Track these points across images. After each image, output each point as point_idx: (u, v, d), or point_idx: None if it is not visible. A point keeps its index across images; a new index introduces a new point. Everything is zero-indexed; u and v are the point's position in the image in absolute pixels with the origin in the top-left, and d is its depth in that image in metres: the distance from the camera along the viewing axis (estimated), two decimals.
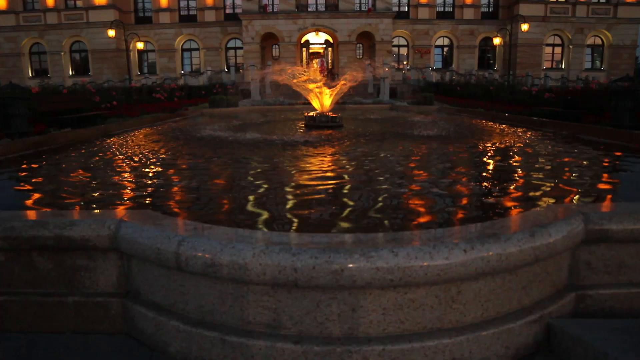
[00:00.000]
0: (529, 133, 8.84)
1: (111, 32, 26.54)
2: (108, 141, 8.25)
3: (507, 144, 7.39)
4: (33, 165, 5.73)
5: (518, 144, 7.28)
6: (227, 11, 32.95)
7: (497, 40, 29.67)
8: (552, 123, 9.55)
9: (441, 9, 32.99)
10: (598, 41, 32.65)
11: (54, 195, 4.12)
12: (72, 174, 5.05)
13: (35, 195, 4.19)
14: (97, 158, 6.17)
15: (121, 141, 8.24)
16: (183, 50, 33.77)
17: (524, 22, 26.11)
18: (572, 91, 12.51)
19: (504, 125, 10.55)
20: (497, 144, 7.33)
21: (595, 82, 17.63)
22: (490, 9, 33.30)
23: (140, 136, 9.14)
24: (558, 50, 32.76)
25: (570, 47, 32.08)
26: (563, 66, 32.49)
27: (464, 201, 3.66)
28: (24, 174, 5.23)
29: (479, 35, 33.04)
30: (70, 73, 32.35)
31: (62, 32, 31.63)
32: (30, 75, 32.25)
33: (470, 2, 32.64)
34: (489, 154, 6.39)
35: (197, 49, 33.54)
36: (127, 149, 7.06)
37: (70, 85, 21.54)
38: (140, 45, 31.39)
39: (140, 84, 21.70)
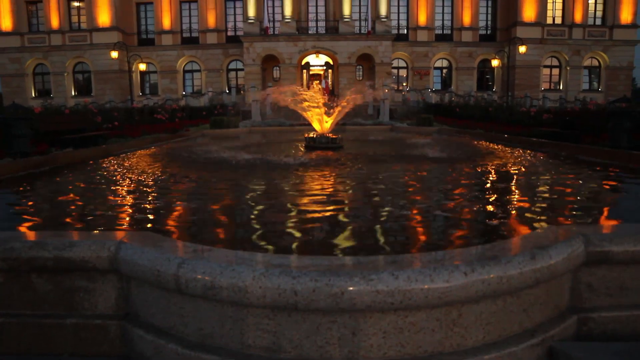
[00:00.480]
0: (528, 154, 8.87)
1: (114, 54, 26.87)
2: (109, 162, 8.27)
3: (507, 165, 7.42)
4: (34, 186, 5.74)
5: (517, 165, 7.30)
6: (229, 33, 33.42)
7: (495, 62, 30.03)
8: (550, 144, 9.59)
9: (440, 32, 33.46)
10: (595, 63, 33.04)
11: (53, 216, 4.11)
12: (72, 195, 5.05)
13: (35, 215, 4.19)
14: (98, 179, 6.18)
15: (122, 162, 8.26)
16: (185, 71, 34.14)
17: (522, 45, 26.45)
18: (570, 112, 12.61)
19: (503, 146, 10.59)
20: (496, 166, 7.34)
21: (593, 103, 17.77)
22: (488, 32, 33.78)
23: (141, 157, 9.17)
24: (556, 71, 33.13)
25: (568, 68, 32.45)
26: (561, 87, 32.80)
27: (464, 223, 3.66)
28: (24, 194, 5.23)
29: (477, 57, 33.44)
30: (73, 93, 32.65)
31: (66, 53, 32.04)
32: (33, 95, 32.54)
33: (469, 25, 33.13)
34: (489, 176, 6.40)
35: (199, 71, 33.91)
36: (128, 170, 7.08)
37: (72, 106, 21.65)
38: (142, 67, 31.74)
39: (142, 104, 21.88)
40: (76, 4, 32.13)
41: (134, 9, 33.43)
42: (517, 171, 6.70)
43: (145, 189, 5.45)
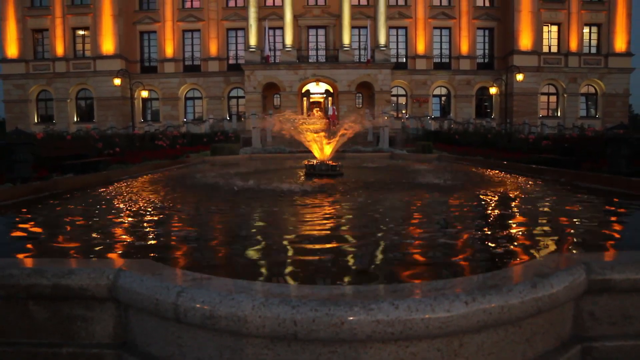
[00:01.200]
0: (528, 181, 8.89)
1: (117, 81, 27.27)
2: (109, 188, 8.28)
3: (507, 192, 7.42)
4: (33, 212, 5.74)
5: (517, 192, 7.31)
6: (230, 62, 33.96)
7: (493, 90, 30.42)
8: (550, 170, 9.62)
9: (438, 60, 34.01)
10: (591, 90, 33.46)
11: (52, 243, 4.10)
12: (71, 221, 5.04)
13: (33, 242, 4.17)
14: (97, 205, 6.18)
15: (122, 188, 8.27)
16: (186, 98, 34.55)
17: (519, 73, 26.86)
18: (568, 139, 12.71)
19: (502, 173, 10.62)
20: (496, 192, 7.35)
21: (591, 130, 17.91)
22: (486, 60, 34.33)
23: (141, 183, 9.19)
24: (553, 98, 33.52)
25: (565, 95, 32.85)
26: (559, 114, 33.14)
27: (465, 251, 3.64)
28: (23, 220, 5.22)
29: (475, 85, 33.89)
30: (75, 119, 32.96)
31: (70, 80, 32.50)
32: (36, 121, 32.84)
33: (466, 54, 33.70)
34: (490, 203, 6.40)
35: (200, 98, 34.31)
36: (128, 197, 7.09)
37: (74, 132, 21.87)
38: (144, 94, 32.16)
39: (143, 131, 22.07)
40: (81, 32, 32.76)
41: (137, 38, 34.07)
42: (517, 198, 6.70)
43: (144, 216, 5.44)
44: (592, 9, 32.53)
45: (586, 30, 32.89)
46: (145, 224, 4.95)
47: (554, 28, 32.89)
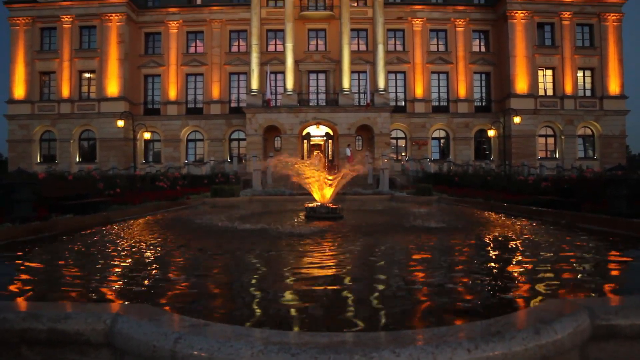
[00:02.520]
0: (529, 223, 8.87)
1: (120, 123, 27.69)
2: (108, 229, 8.25)
3: (508, 234, 7.38)
4: (30, 253, 5.69)
5: (519, 235, 7.26)
6: (232, 104, 34.60)
7: (491, 133, 30.81)
8: (550, 212, 9.61)
9: (436, 104, 34.66)
10: (588, 131, 33.91)
11: (48, 286, 4.05)
12: (69, 264, 5.00)
13: (30, 284, 4.12)
14: (96, 247, 6.14)
15: (121, 230, 8.25)
16: (188, 140, 34.95)
17: (516, 115, 27.30)
18: (567, 180, 12.74)
19: (503, 215, 10.60)
20: (498, 235, 7.31)
21: (590, 171, 17.97)
22: (483, 103, 34.97)
23: (141, 225, 9.16)
24: (551, 140, 33.90)
25: (562, 137, 33.24)
26: (557, 155, 33.42)
27: (467, 296, 3.59)
28: (20, 261, 5.17)
29: (473, 128, 34.36)
30: (77, 160, 33.22)
31: (73, 121, 33.01)
32: (38, 160, 33.11)
33: (464, 97, 34.37)
34: (491, 246, 6.35)
35: (202, 140, 34.72)
36: (127, 239, 7.05)
37: (76, 172, 21.95)
38: (147, 136, 32.59)
39: (145, 172, 22.20)
40: (87, 75, 33.55)
41: (142, 81, 34.85)
42: (519, 241, 6.65)
43: (142, 259, 5.39)
44: (585, 54, 33.45)
45: (580, 74, 33.69)
46: (142, 268, 4.90)
47: (549, 72, 33.70)
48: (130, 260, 5.28)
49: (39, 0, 32.96)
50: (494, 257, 5.58)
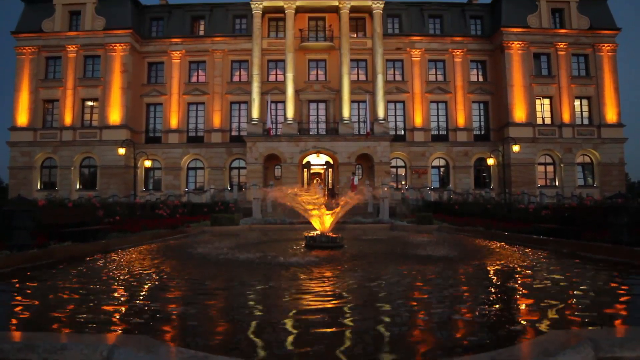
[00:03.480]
0: (530, 252, 8.81)
1: (121, 151, 27.84)
2: (107, 257, 8.19)
3: (510, 264, 7.32)
4: (27, 282, 5.64)
5: (521, 264, 7.20)
6: (233, 133, 34.85)
7: (491, 161, 30.95)
8: (552, 241, 9.57)
9: (435, 132, 34.91)
10: (587, 159, 34.03)
11: (44, 315, 3.99)
12: (65, 293, 4.94)
13: (25, 313, 4.07)
14: (93, 276, 6.08)
15: (119, 258, 8.19)
16: (188, 168, 35.06)
17: (515, 144, 27.44)
18: (568, 208, 12.72)
19: (504, 244, 10.55)
20: (500, 265, 7.25)
21: (590, 199, 17.95)
22: (482, 132, 35.23)
23: (139, 253, 9.11)
24: (550, 168, 33.99)
25: (562, 165, 33.35)
26: (557, 183, 33.45)
27: (471, 327, 3.54)
28: (16, 290, 5.12)
29: (473, 156, 34.52)
30: (78, 187, 33.24)
31: (75, 148, 33.17)
32: (38, 187, 33.12)
33: (463, 126, 34.65)
34: (494, 277, 6.30)
35: (202, 168, 34.83)
36: (124, 268, 6.99)
37: (76, 199, 21.96)
38: (147, 163, 32.70)
39: (145, 199, 22.18)
40: (90, 103, 33.92)
41: (144, 109, 35.21)
42: (521, 271, 6.59)
43: (140, 288, 5.34)
44: (581, 83, 33.88)
45: (577, 102, 34.03)
46: (141, 298, 4.84)
47: (546, 101, 34.05)
48: (127, 290, 5.22)
49: (45, 30, 33.64)
50: (497, 287, 5.52)
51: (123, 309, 4.27)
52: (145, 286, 5.47)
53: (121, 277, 5.97)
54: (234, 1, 36.27)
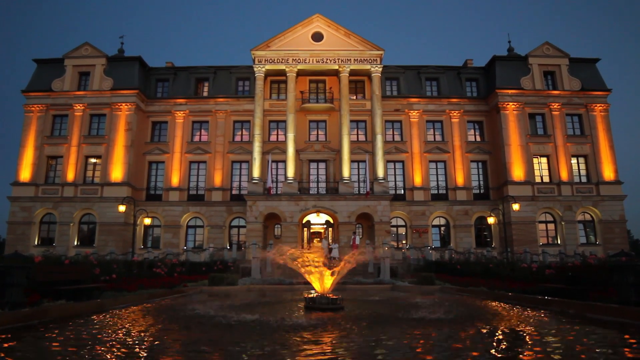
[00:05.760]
0: (536, 313, 8.58)
1: (122, 208, 27.80)
2: (100, 318, 7.97)
3: (516, 327, 7.09)
4: (16, 343, 5.43)
5: (527, 328, 6.98)
6: (234, 192, 34.99)
7: (491, 220, 30.84)
8: (557, 302, 9.35)
9: (435, 192, 35.06)
10: (588, 217, 33.89)
11: None
12: (54, 357, 4.75)
13: None
14: (84, 339, 5.87)
15: (113, 319, 7.96)
16: (188, 226, 34.89)
17: (514, 202, 27.48)
18: (572, 267, 12.50)
19: (508, 305, 10.30)
20: (505, 328, 7.03)
21: (593, 257, 17.73)
22: (482, 191, 35.39)
23: (134, 314, 8.87)
24: (551, 226, 33.78)
25: (562, 223, 33.18)
26: (559, 241, 33.12)
27: None
28: (3, 354, 4.92)
29: (473, 215, 34.45)
30: (76, 243, 32.89)
31: (76, 204, 33.16)
32: (36, 243, 32.76)
33: (462, 185, 34.86)
34: (498, 340, 6.09)
35: (202, 226, 34.65)
36: (117, 330, 6.77)
37: (73, 256, 21.70)
38: (147, 221, 32.60)
39: (143, 257, 21.86)
40: (93, 160, 34.32)
41: (146, 167, 35.55)
42: (528, 334, 6.37)
43: (132, 354, 5.13)
44: (577, 141, 34.39)
45: (574, 160, 34.37)
46: None
47: (544, 159, 34.42)
48: (118, 355, 5.02)
49: (54, 89, 34.70)
50: (500, 352, 5.31)
51: None
52: (138, 352, 5.26)
53: (112, 342, 5.74)
54: (237, 64, 37.68)
